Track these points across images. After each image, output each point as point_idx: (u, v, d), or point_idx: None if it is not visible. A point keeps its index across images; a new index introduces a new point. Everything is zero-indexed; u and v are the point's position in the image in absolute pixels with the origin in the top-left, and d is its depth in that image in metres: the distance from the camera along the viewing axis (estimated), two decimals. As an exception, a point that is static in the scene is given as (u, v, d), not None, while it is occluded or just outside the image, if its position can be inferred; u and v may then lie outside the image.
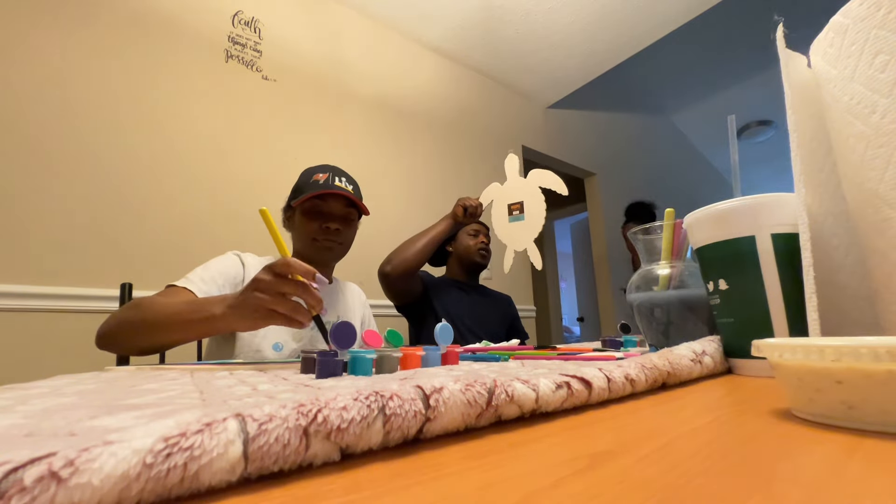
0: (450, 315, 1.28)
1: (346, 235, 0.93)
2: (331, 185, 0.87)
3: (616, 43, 2.31)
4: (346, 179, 0.91)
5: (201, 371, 0.42)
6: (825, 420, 0.18)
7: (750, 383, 0.31)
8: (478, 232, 1.48)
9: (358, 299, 1.05)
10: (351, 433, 0.14)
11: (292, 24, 1.76)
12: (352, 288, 1.07)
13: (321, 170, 0.90)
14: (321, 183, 0.87)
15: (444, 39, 2.22)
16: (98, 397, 0.23)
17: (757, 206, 0.36)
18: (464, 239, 1.47)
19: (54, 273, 1.15)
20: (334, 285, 1.01)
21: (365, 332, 0.63)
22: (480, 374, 0.20)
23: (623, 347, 0.58)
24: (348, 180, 0.91)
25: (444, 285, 1.38)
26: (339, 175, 0.90)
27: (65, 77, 1.23)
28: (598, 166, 3.12)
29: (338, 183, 0.88)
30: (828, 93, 0.34)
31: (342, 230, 0.91)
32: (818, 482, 0.12)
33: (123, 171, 1.29)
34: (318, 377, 0.31)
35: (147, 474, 0.10)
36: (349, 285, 1.07)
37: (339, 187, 0.87)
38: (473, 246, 1.45)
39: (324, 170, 0.90)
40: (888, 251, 0.29)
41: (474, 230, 1.48)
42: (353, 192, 0.90)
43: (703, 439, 0.17)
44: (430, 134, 2.19)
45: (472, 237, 1.47)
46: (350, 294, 1.04)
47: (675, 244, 0.51)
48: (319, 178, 0.88)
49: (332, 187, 0.87)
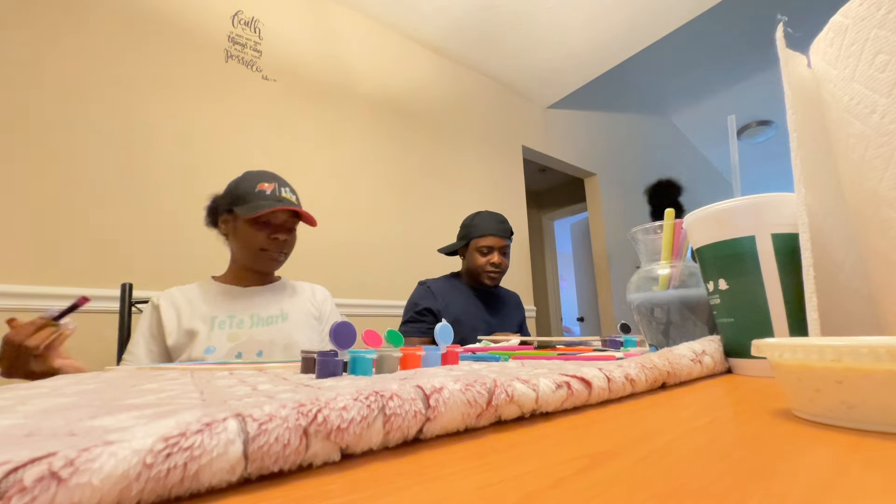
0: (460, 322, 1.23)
1: (291, 245, 0.96)
2: (279, 197, 0.88)
3: (616, 43, 2.31)
4: (289, 190, 0.93)
5: (201, 371, 0.42)
6: (825, 420, 0.18)
7: (750, 383, 0.31)
8: (490, 248, 1.28)
9: (312, 299, 1.04)
10: (351, 433, 0.14)
11: (292, 24, 1.76)
12: (303, 285, 1.06)
13: (265, 178, 0.90)
14: (268, 194, 0.88)
15: (444, 39, 2.22)
16: (98, 397, 0.23)
17: (757, 206, 0.36)
18: (473, 255, 1.30)
19: (54, 273, 1.15)
20: (281, 284, 1.01)
21: (365, 332, 0.63)
22: (480, 374, 0.20)
23: (623, 347, 0.58)
24: (291, 191, 0.93)
25: (453, 293, 1.29)
26: (284, 185, 0.92)
27: (64, 77, 1.23)
28: (598, 166, 3.12)
29: (284, 195, 0.90)
30: (828, 93, 0.34)
31: (288, 240, 0.93)
32: (818, 482, 0.12)
33: (123, 171, 1.29)
34: (317, 377, 0.31)
35: (147, 474, 0.10)
36: (302, 284, 1.06)
37: (286, 199, 0.89)
38: (483, 265, 1.28)
39: (268, 179, 0.90)
40: (888, 252, 0.29)
41: (487, 246, 1.28)
42: (297, 202, 0.92)
43: (703, 439, 0.17)
44: (430, 134, 2.19)
45: (482, 255, 1.29)
46: (300, 290, 1.03)
47: (675, 244, 0.51)
48: (265, 188, 0.89)
49: (282, 200, 0.88)
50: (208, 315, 0.88)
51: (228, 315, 0.89)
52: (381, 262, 1.85)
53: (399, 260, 1.90)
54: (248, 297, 0.94)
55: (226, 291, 0.93)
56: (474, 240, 1.29)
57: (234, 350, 0.85)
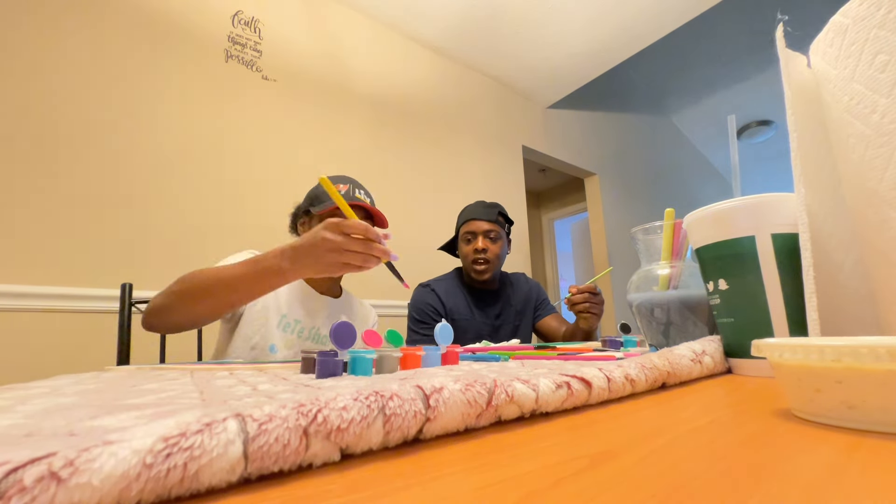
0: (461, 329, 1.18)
1: None
2: (353, 197, 0.89)
3: (616, 43, 2.31)
4: (364, 192, 0.93)
5: (201, 371, 0.42)
6: (825, 420, 0.18)
7: (750, 383, 0.31)
8: (474, 234, 1.17)
9: (362, 317, 1.06)
10: (351, 433, 0.14)
11: (292, 24, 1.76)
12: (361, 305, 1.08)
13: (339, 181, 0.91)
14: (343, 194, 0.88)
15: (445, 39, 2.22)
16: (98, 397, 0.23)
17: (757, 206, 0.36)
18: (461, 246, 1.22)
19: (54, 273, 1.15)
20: (346, 299, 1.03)
21: (365, 332, 0.63)
22: (480, 374, 0.20)
23: (623, 347, 0.58)
24: (366, 193, 0.94)
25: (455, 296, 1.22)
26: (358, 187, 0.93)
27: (64, 77, 1.23)
28: (598, 166, 3.12)
29: (358, 195, 0.90)
30: (828, 93, 0.34)
31: None
32: (818, 482, 0.12)
33: (123, 170, 1.29)
34: (317, 377, 0.31)
35: (147, 474, 0.10)
36: (360, 302, 1.08)
37: (360, 199, 0.90)
38: (468, 254, 1.18)
39: (343, 181, 0.91)
40: (888, 251, 0.29)
41: (470, 231, 1.17)
42: (371, 203, 0.93)
43: (703, 439, 0.17)
44: (429, 134, 2.19)
45: (466, 243, 1.19)
46: (357, 316, 1.05)
47: (675, 244, 0.51)
48: (340, 188, 0.89)
49: (355, 199, 0.88)
50: (282, 309, 0.89)
51: (295, 319, 0.91)
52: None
53: (399, 260, 1.90)
54: (317, 308, 0.95)
55: (303, 292, 0.94)
56: (459, 229, 1.22)
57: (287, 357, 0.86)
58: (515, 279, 1.34)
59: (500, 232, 1.19)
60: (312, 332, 0.93)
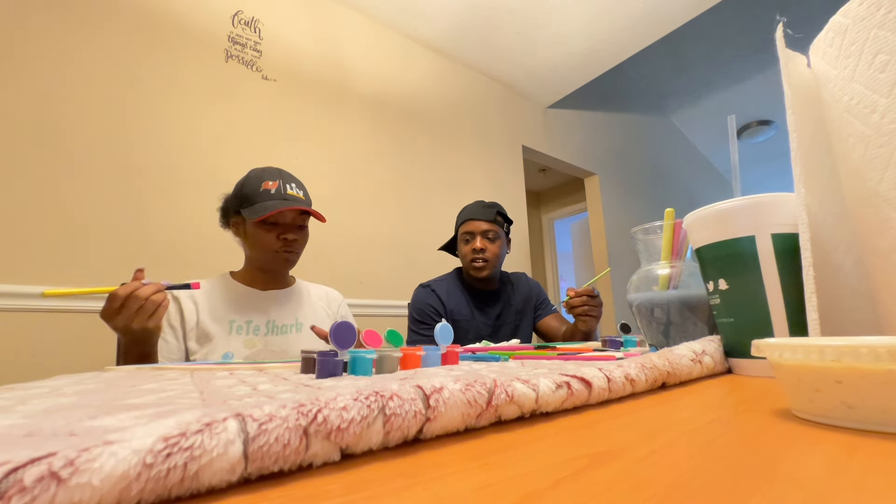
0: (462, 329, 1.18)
1: (302, 243, 0.94)
2: (284, 196, 0.86)
3: (616, 43, 2.31)
4: (296, 185, 0.90)
5: (201, 371, 0.42)
6: (825, 420, 0.18)
7: (750, 383, 0.31)
8: (472, 234, 1.17)
9: (325, 302, 1.04)
10: (351, 433, 0.14)
11: (292, 24, 1.76)
12: (319, 291, 1.06)
13: (269, 175, 0.89)
14: (273, 193, 0.86)
15: (444, 39, 2.22)
16: (98, 397, 0.23)
17: (757, 206, 0.36)
18: (460, 246, 1.21)
19: (55, 273, 1.15)
20: (297, 288, 1.01)
21: (365, 332, 0.63)
22: (480, 374, 0.20)
23: (623, 347, 0.58)
24: (298, 186, 0.91)
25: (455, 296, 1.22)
26: (289, 181, 0.90)
27: (64, 77, 1.23)
28: (598, 166, 3.12)
29: (290, 192, 0.88)
30: (828, 93, 0.34)
31: (298, 239, 0.92)
32: (818, 482, 0.12)
33: (123, 170, 1.29)
34: (317, 377, 0.31)
35: (147, 474, 0.10)
36: (318, 288, 1.06)
37: (292, 196, 0.87)
38: (466, 255, 1.19)
39: (272, 176, 0.89)
40: (888, 251, 0.29)
41: (468, 232, 1.18)
42: (304, 198, 0.90)
43: (704, 439, 0.17)
44: (429, 133, 2.19)
45: (465, 244, 1.20)
46: (316, 297, 1.03)
47: (675, 244, 0.51)
48: (270, 186, 0.87)
49: (288, 198, 0.86)
50: (225, 317, 0.87)
51: (245, 320, 0.89)
52: (381, 261, 1.85)
53: (399, 260, 1.91)
54: (265, 303, 0.93)
55: (244, 293, 0.92)
56: (458, 229, 1.23)
57: (250, 357, 0.85)
58: (516, 279, 1.34)
59: (498, 232, 1.20)
60: (270, 325, 0.91)
